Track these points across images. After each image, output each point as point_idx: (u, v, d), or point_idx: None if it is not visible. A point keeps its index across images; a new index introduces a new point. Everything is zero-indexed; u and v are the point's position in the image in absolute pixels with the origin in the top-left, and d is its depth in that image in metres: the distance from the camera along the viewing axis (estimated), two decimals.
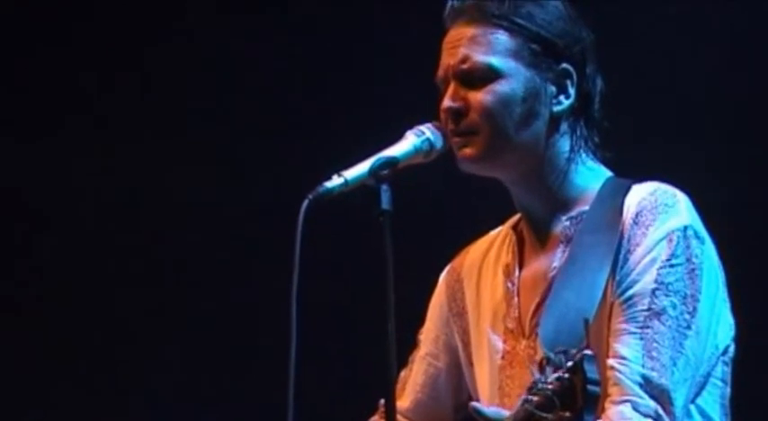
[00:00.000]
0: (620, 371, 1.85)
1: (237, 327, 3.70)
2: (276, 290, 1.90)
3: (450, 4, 2.03)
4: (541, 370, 1.71)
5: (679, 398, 1.85)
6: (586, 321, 1.72)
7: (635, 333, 1.86)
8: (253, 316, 3.61)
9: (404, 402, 2.21)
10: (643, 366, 1.84)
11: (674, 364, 1.85)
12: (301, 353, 1.81)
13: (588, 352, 1.63)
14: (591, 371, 1.61)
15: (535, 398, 1.68)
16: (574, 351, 1.70)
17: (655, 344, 1.85)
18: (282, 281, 1.85)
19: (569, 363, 1.64)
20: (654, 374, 1.84)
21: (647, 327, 1.86)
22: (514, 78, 1.98)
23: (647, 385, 1.83)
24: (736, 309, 1.99)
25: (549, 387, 1.65)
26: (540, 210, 2.04)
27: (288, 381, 1.81)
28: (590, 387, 1.61)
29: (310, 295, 1.84)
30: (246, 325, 3.67)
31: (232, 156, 3.79)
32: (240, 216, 3.74)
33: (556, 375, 1.65)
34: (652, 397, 1.83)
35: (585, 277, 1.90)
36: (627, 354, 1.85)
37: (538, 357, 1.91)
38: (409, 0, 3.43)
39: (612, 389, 1.85)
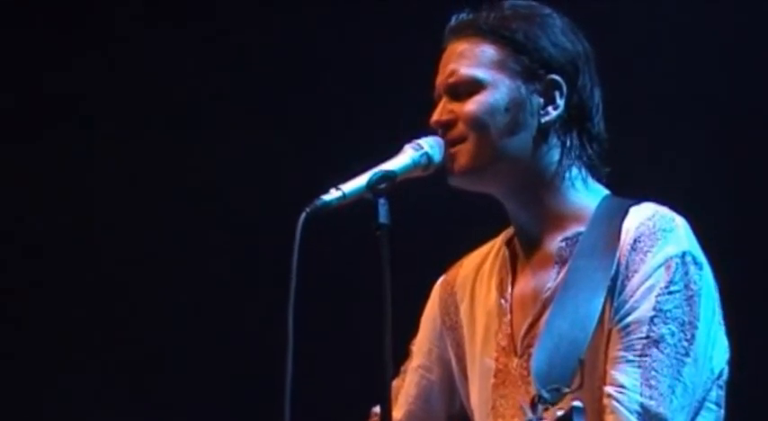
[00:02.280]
0: (617, 400, 1.83)
1: (234, 339, 3.69)
2: (273, 303, 1.89)
3: (447, 26, 2.05)
4: (533, 407, 1.71)
5: None
6: (582, 362, 1.73)
7: (633, 361, 1.85)
8: (250, 329, 3.62)
9: (396, 413, 2.20)
10: (641, 394, 1.83)
11: (673, 392, 1.84)
12: (297, 365, 1.80)
13: (578, 404, 1.62)
14: None
15: None
16: (566, 390, 1.71)
17: (653, 373, 1.83)
18: (280, 294, 1.85)
19: (559, 414, 1.63)
20: (652, 403, 1.82)
21: (646, 356, 1.84)
22: (498, 89, 1.98)
23: (646, 414, 1.82)
24: (731, 330, 1.97)
25: None
26: (535, 228, 2.02)
27: (284, 394, 1.79)
28: None
29: (307, 308, 1.83)
30: (244, 337, 3.68)
31: (233, 165, 3.80)
32: (237, 230, 3.76)
33: None
34: None
35: (579, 306, 1.88)
36: (625, 383, 1.84)
37: (530, 379, 1.91)
38: (414, 13, 3.44)
39: (609, 418, 1.84)
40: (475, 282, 2.13)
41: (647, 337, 1.85)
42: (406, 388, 2.21)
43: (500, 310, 2.05)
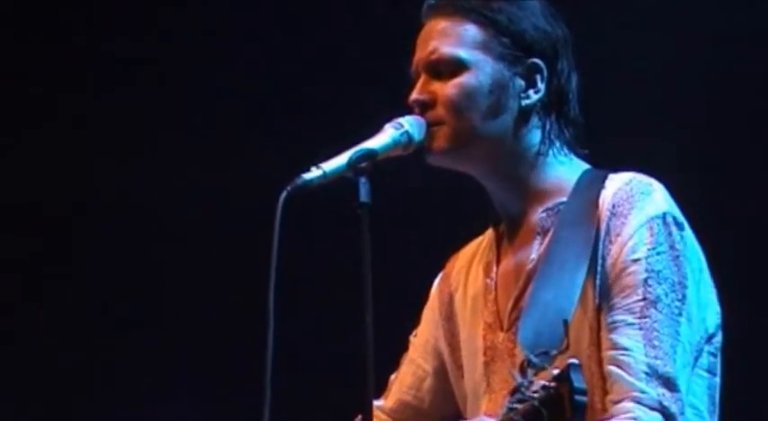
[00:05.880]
0: (623, 363, 1.80)
1: (216, 320, 3.68)
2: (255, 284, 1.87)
3: (426, 1, 2.00)
4: (522, 372, 1.68)
5: (683, 385, 1.81)
6: (566, 322, 1.70)
7: (633, 323, 1.82)
8: (232, 308, 3.61)
9: (388, 402, 2.19)
10: (646, 355, 1.80)
11: (675, 352, 1.81)
12: (279, 347, 1.79)
13: (574, 360, 1.58)
14: (577, 380, 1.56)
15: (520, 407, 1.63)
16: (554, 352, 1.68)
17: (655, 333, 1.81)
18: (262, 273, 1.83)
19: (555, 372, 1.59)
20: (658, 362, 1.79)
21: (645, 317, 1.81)
22: (481, 70, 1.94)
23: (653, 374, 1.79)
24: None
25: (536, 396, 1.60)
26: (516, 204, 2.00)
27: (265, 376, 1.77)
28: (577, 397, 1.56)
29: (289, 288, 1.81)
30: (225, 316, 3.67)
31: (213, 148, 3.79)
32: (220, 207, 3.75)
33: (542, 383, 1.60)
34: (658, 385, 1.78)
35: (563, 275, 1.85)
36: (628, 345, 1.81)
37: (516, 351, 1.89)
38: None
39: (613, 387, 1.81)
40: (469, 271, 2.12)
41: (644, 299, 1.82)
42: (401, 378, 2.20)
43: (486, 290, 2.03)
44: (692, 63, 3.33)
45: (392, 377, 2.21)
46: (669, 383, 1.79)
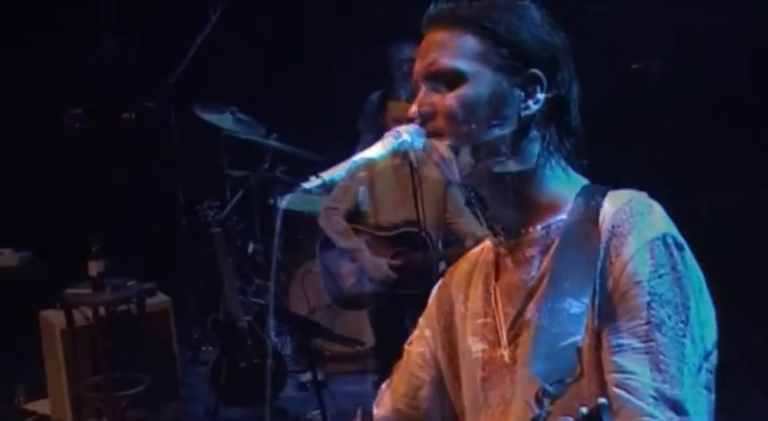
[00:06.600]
0: (630, 387, 1.77)
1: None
2: None
3: (427, 13, 1.97)
4: (539, 403, 1.65)
5: (691, 408, 1.78)
6: (578, 349, 1.69)
7: (638, 348, 1.78)
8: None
9: (381, 410, 2.20)
10: (653, 380, 1.76)
11: (682, 374, 1.78)
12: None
13: (603, 401, 1.55)
14: None
15: None
16: (569, 380, 1.67)
17: (661, 357, 1.77)
18: None
19: (584, 410, 1.55)
20: (666, 387, 1.76)
21: (651, 341, 1.78)
22: (480, 81, 1.90)
23: (661, 398, 1.76)
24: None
25: None
26: (514, 217, 1.97)
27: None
28: None
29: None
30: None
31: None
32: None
33: None
34: (666, 409, 1.76)
35: (569, 298, 1.81)
36: (634, 369, 1.77)
37: (516, 368, 1.91)
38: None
39: (620, 412, 1.77)
40: (470, 281, 2.10)
41: (648, 322, 1.78)
42: (394, 386, 2.19)
43: (485, 304, 2.02)
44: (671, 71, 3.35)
45: (383, 385, 2.20)
46: (677, 407, 1.77)
